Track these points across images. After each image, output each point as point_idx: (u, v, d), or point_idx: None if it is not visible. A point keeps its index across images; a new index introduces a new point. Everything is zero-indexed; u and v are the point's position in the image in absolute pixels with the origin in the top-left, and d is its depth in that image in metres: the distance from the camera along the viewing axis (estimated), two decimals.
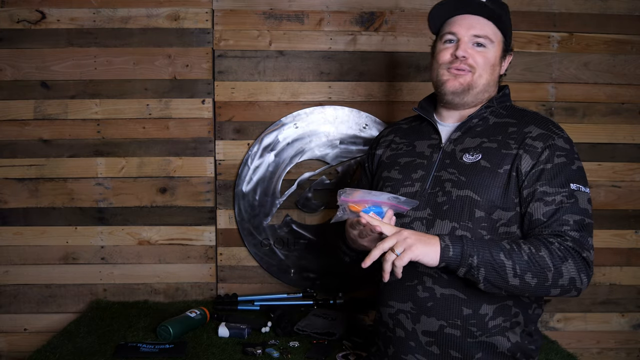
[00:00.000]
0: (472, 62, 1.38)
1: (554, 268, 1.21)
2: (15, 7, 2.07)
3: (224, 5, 2.11)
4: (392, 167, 1.49)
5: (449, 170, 1.38)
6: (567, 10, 2.16)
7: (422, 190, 1.39)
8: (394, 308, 1.38)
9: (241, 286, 2.20)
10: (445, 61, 1.41)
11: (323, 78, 2.16)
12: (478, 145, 1.38)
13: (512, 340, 1.32)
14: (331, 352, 1.67)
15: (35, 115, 2.12)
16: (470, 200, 1.31)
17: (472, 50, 1.38)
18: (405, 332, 1.36)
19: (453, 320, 1.31)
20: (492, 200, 1.31)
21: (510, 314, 1.33)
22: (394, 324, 1.38)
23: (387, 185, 1.47)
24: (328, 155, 2.16)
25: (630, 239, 2.23)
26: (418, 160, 1.45)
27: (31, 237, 2.15)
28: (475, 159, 1.35)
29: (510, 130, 1.37)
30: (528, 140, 1.33)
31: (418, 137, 1.51)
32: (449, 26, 1.41)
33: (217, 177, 2.17)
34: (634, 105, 2.20)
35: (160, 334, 1.75)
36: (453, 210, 1.33)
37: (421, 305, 1.33)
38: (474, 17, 1.38)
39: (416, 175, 1.42)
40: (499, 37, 1.40)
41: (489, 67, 1.40)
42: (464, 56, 1.37)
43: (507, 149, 1.33)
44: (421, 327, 1.33)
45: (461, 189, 1.33)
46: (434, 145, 1.45)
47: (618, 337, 2.27)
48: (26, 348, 2.13)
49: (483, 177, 1.32)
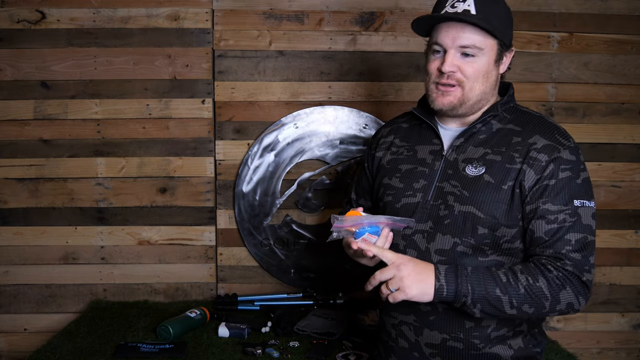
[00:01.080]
0: (459, 77, 1.30)
1: (552, 297, 1.21)
2: (15, 7, 2.07)
3: (224, 5, 2.11)
4: (393, 174, 1.44)
5: (451, 182, 1.34)
6: (567, 10, 2.15)
7: (424, 201, 1.35)
8: (397, 319, 1.37)
9: (241, 286, 2.20)
10: (433, 75, 1.34)
11: (323, 78, 2.16)
12: (481, 156, 1.33)
13: (515, 347, 1.32)
14: (331, 352, 1.67)
15: (35, 115, 2.12)
16: (472, 216, 1.28)
17: (460, 62, 1.30)
18: (409, 343, 1.36)
19: (455, 333, 1.30)
20: (495, 217, 1.28)
21: (514, 324, 1.32)
22: (397, 334, 1.38)
23: (388, 193, 1.43)
24: (328, 155, 2.16)
25: (630, 239, 2.23)
26: (420, 168, 1.40)
27: (31, 237, 2.15)
28: (478, 172, 1.31)
29: (514, 141, 1.31)
30: (533, 152, 1.28)
31: (419, 140, 1.45)
32: (436, 34, 1.32)
33: (217, 177, 2.17)
34: (634, 105, 2.20)
35: (160, 334, 1.75)
36: (455, 226, 1.30)
37: (424, 319, 1.33)
38: (459, 26, 1.28)
39: (418, 184, 1.38)
40: (489, 42, 1.30)
41: (480, 77, 1.31)
42: (451, 71, 1.30)
43: (512, 163, 1.28)
44: (424, 340, 1.33)
45: (464, 205, 1.30)
46: (435, 152, 1.40)
47: (618, 337, 2.27)
48: (26, 348, 2.13)
49: (486, 193, 1.28)
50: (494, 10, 1.30)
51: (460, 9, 1.27)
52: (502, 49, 1.33)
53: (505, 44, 1.33)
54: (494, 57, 1.32)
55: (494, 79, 1.35)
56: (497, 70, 1.35)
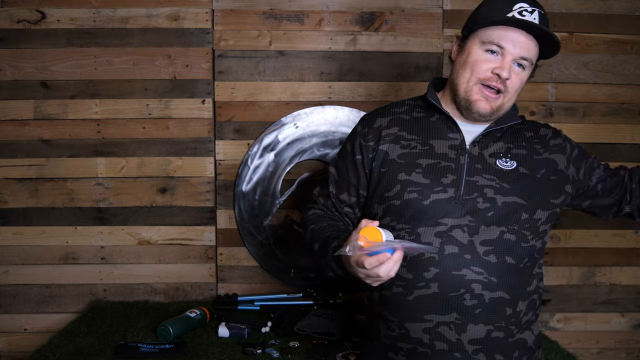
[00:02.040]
0: (509, 85, 1.32)
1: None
2: (15, 7, 2.07)
3: (224, 5, 2.11)
4: (412, 170, 1.36)
5: (484, 176, 1.34)
6: (567, 10, 2.16)
7: (457, 196, 1.32)
8: (432, 322, 1.28)
9: (241, 286, 2.20)
10: (482, 76, 1.32)
11: (323, 78, 2.16)
12: (507, 151, 1.38)
13: (535, 333, 1.36)
14: (331, 352, 1.67)
15: (35, 115, 2.12)
16: (517, 205, 1.32)
17: (512, 72, 1.31)
18: (449, 344, 1.28)
19: (499, 322, 1.29)
20: (536, 203, 1.34)
21: (535, 307, 1.36)
22: (432, 338, 1.28)
23: (410, 190, 1.34)
24: (328, 155, 2.16)
25: (630, 239, 2.24)
26: (443, 163, 1.36)
27: (31, 237, 2.15)
28: (511, 165, 1.36)
29: (528, 135, 1.43)
30: (550, 141, 1.43)
31: (432, 134, 1.40)
32: (499, 37, 1.29)
33: (217, 177, 2.17)
34: (634, 105, 2.20)
35: (160, 334, 1.75)
36: (499, 217, 1.31)
37: (468, 314, 1.27)
38: (526, 36, 1.29)
39: (446, 180, 1.34)
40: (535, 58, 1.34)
41: (519, 89, 1.35)
42: (508, 78, 1.30)
43: (537, 155, 1.39)
44: (467, 337, 1.27)
45: (507, 196, 1.32)
46: (456, 147, 1.37)
47: (618, 337, 2.27)
48: (26, 348, 2.13)
49: (526, 183, 1.34)
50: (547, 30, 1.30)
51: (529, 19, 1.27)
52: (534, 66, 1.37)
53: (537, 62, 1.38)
54: (529, 72, 1.36)
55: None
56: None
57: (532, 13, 1.28)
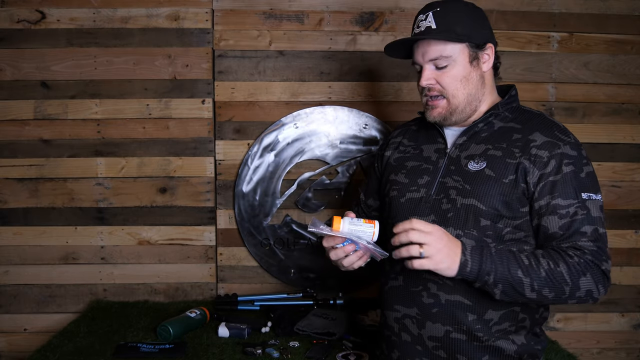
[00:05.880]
0: (439, 88, 1.38)
1: (572, 283, 1.21)
2: (15, 7, 2.07)
3: (224, 5, 2.11)
4: (399, 171, 1.49)
5: (453, 177, 1.37)
6: (567, 10, 2.16)
7: (427, 196, 1.39)
8: (399, 312, 1.38)
9: (241, 286, 2.20)
10: (420, 91, 1.43)
11: (323, 78, 2.16)
12: (483, 152, 1.36)
13: (518, 343, 1.32)
14: (331, 352, 1.67)
15: (35, 115, 2.12)
16: (475, 209, 1.30)
17: (436, 74, 1.37)
18: (412, 336, 1.36)
19: (459, 325, 1.31)
20: (497, 209, 1.29)
21: (517, 319, 1.33)
22: (400, 328, 1.38)
23: (393, 188, 1.47)
24: (328, 155, 2.16)
25: (630, 239, 2.24)
26: (425, 165, 1.44)
27: (31, 237, 2.15)
28: (479, 167, 1.34)
29: (514, 137, 1.34)
30: (533, 149, 1.30)
31: (425, 140, 1.50)
32: (414, 56, 1.41)
33: (217, 177, 2.17)
34: (634, 105, 2.20)
35: (160, 334, 1.75)
36: (457, 218, 1.32)
37: (426, 312, 1.33)
38: (425, 43, 1.37)
39: (422, 180, 1.42)
40: (456, 48, 1.34)
41: (459, 83, 1.36)
42: (428, 87, 1.39)
43: (512, 158, 1.31)
44: (427, 333, 1.33)
45: (466, 198, 1.32)
46: (439, 150, 1.44)
47: (618, 337, 2.27)
48: (26, 348, 2.13)
49: (488, 186, 1.31)
50: (454, 18, 1.35)
51: (423, 27, 1.37)
52: (475, 49, 1.36)
53: (476, 44, 1.36)
54: (467, 59, 1.36)
55: (477, 79, 1.38)
56: (479, 69, 1.38)
57: (426, 19, 1.37)
